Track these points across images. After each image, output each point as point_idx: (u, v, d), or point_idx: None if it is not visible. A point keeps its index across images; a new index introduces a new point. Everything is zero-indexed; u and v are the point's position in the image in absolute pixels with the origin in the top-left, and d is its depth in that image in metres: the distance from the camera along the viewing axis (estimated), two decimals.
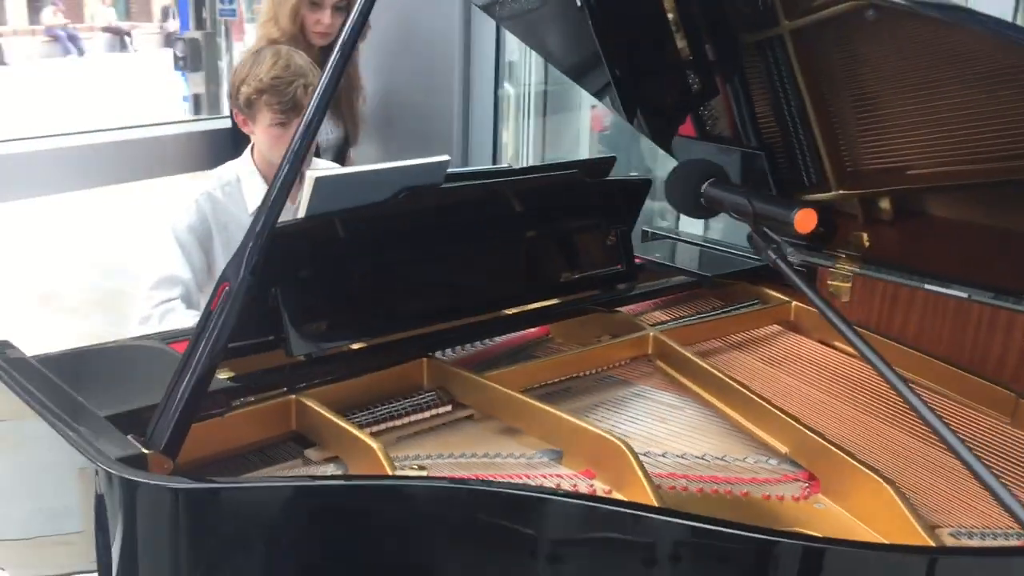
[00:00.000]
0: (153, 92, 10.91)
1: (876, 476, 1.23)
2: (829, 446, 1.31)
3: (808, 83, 1.76)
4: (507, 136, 4.16)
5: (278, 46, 2.31)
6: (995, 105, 1.50)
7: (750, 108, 1.90)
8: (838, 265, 1.96)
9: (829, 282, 1.97)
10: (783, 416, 1.39)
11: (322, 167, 2.22)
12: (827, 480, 1.30)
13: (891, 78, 1.65)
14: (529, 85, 3.81)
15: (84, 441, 1.14)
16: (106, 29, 22.89)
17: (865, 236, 1.92)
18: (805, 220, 1.11)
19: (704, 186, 1.21)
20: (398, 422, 1.46)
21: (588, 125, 4.06)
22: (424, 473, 1.25)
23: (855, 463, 1.26)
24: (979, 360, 1.74)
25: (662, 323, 1.81)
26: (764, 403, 1.43)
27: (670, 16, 1.79)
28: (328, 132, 2.64)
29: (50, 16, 21.43)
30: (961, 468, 1.35)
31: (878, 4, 1.38)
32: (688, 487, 1.31)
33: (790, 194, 1.94)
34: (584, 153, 3.72)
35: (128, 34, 22.82)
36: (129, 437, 1.17)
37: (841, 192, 1.86)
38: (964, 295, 1.81)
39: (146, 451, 1.14)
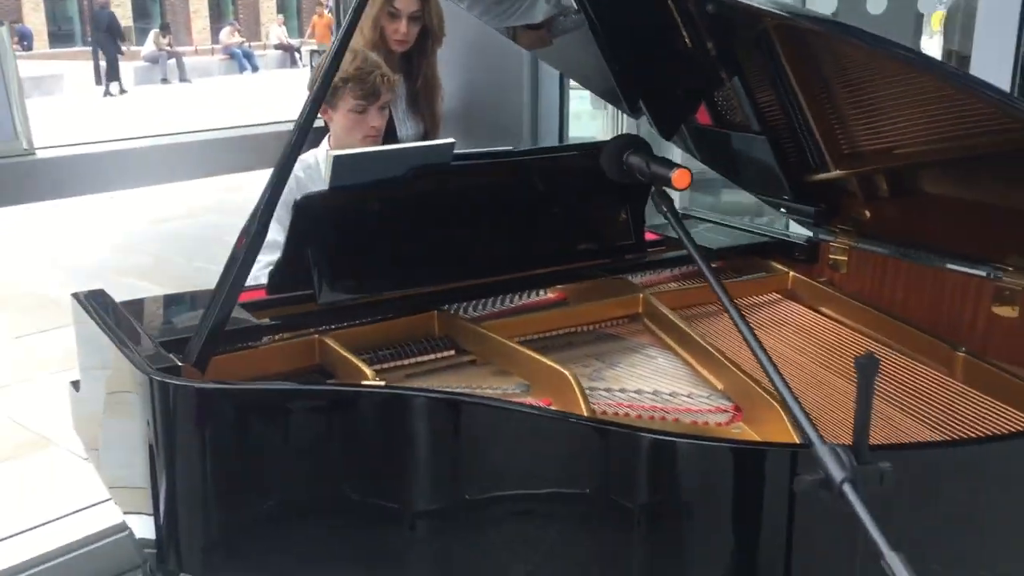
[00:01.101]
0: None
1: (779, 407, 1.43)
2: (751, 383, 1.51)
3: (796, 72, 1.92)
4: (603, 135, 4.39)
5: (355, 48, 2.66)
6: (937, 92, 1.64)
7: (752, 97, 2.08)
8: (839, 239, 2.13)
9: (830, 255, 2.14)
10: (724, 360, 1.60)
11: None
12: (747, 410, 1.51)
13: (862, 67, 1.81)
14: None
15: (137, 356, 1.48)
16: (278, 46, 24.34)
17: (865, 212, 2.08)
18: (681, 178, 1.33)
19: (625, 155, 1.43)
20: (406, 361, 1.74)
21: None
22: (380, 381, 1.53)
23: (766, 396, 1.46)
24: (954, 324, 1.89)
25: (659, 288, 2.03)
26: (712, 350, 1.64)
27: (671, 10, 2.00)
28: (408, 128, 2.95)
29: (228, 36, 22.97)
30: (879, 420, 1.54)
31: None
32: (629, 413, 1.54)
33: (799, 175, 2.12)
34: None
35: (298, 50, 24.17)
36: (171, 355, 1.50)
37: (838, 172, 2.02)
38: (982, 273, 1.94)
39: (180, 363, 1.47)
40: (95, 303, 1.74)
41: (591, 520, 1.28)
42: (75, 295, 1.79)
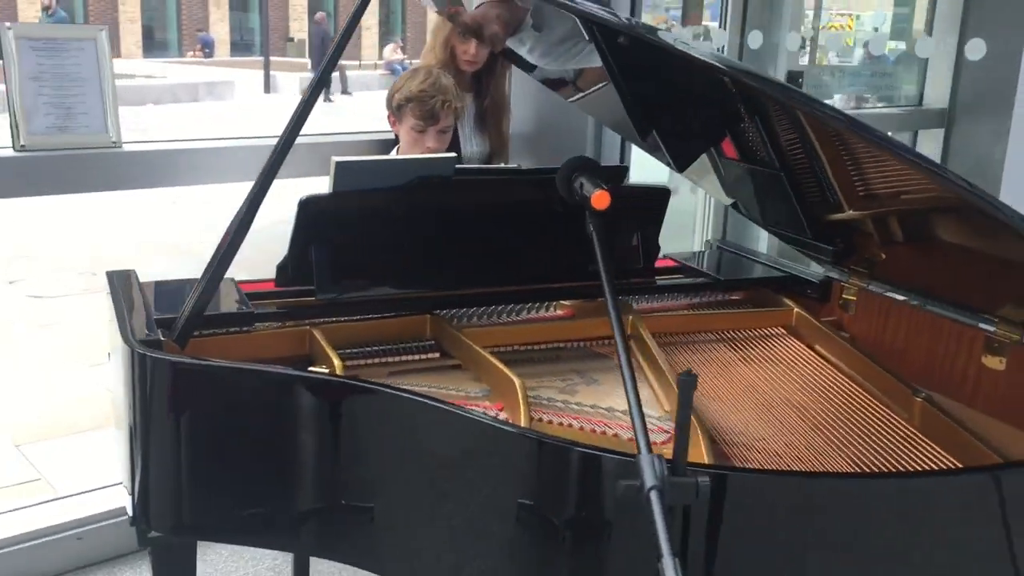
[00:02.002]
0: None
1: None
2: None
3: (808, 117, 1.94)
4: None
5: (432, 68, 2.80)
6: None
7: (772, 137, 2.09)
8: (851, 280, 2.12)
9: (842, 296, 2.13)
10: (674, 386, 1.64)
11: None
12: None
13: None
14: None
15: (129, 331, 1.63)
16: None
17: (878, 255, 2.06)
18: (599, 199, 1.37)
19: (573, 177, 1.50)
20: (391, 359, 1.85)
21: None
22: (325, 370, 1.64)
23: (695, 422, 1.50)
24: (948, 372, 1.86)
25: (656, 313, 2.07)
26: (669, 375, 1.68)
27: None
28: (474, 146, 3.07)
29: (391, 52, 23.87)
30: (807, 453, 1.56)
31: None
32: (572, 424, 1.60)
33: (817, 214, 2.12)
34: None
35: None
36: (159, 330, 1.65)
37: (852, 213, 2.02)
38: (975, 322, 1.90)
39: (162, 339, 1.62)
40: (120, 281, 1.93)
41: (487, 515, 1.35)
42: (108, 273, 1.98)
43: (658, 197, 2.15)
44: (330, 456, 1.45)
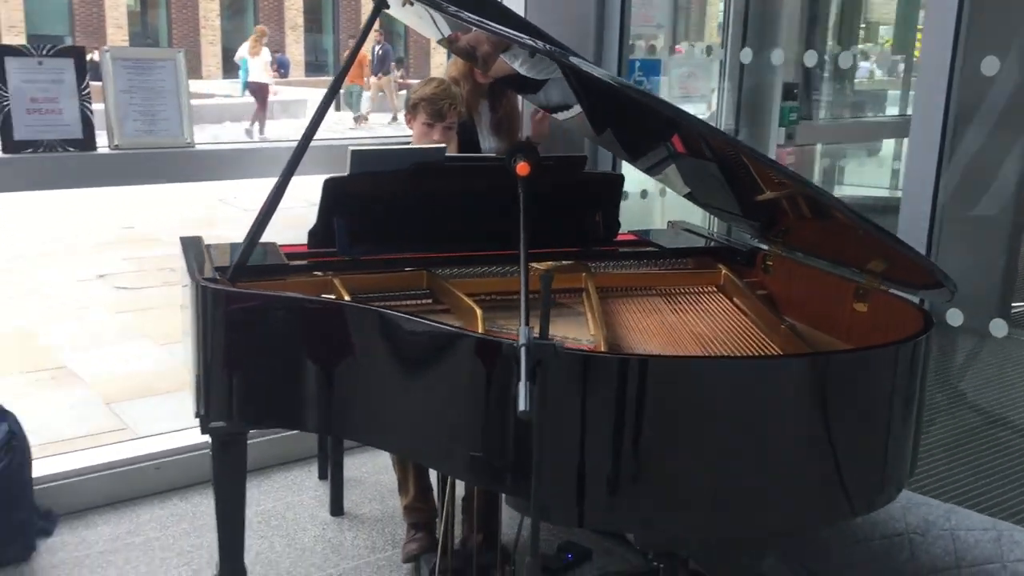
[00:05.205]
0: None
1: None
2: (601, 335, 2.07)
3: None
4: None
5: (443, 77, 3.35)
6: None
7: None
8: (771, 248, 2.60)
9: (765, 261, 2.62)
10: (597, 320, 2.15)
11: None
12: (596, 348, 2.06)
13: None
14: None
15: (197, 273, 2.21)
16: None
17: (790, 228, 2.54)
18: (521, 168, 1.88)
19: (514, 154, 2.00)
20: (393, 303, 2.39)
21: None
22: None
23: (603, 342, 2.02)
24: (831, 313, 2.33)
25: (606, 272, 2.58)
26: (597, 314, 2.20)
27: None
28: (490, 143, 3.61)
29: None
30: None
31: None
32: None
33: (748, 196, 2.61)
34: None
35: None
36: (216, 272, 2.22)
37: (770, 195, 2.51)
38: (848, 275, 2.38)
39: (219, 277, 2.19)
40: (190, 242, 2.51)
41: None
42: (181, 238, 2.57)
43: (614, 182, 2.67)
44: (333, 357, 2.01)
